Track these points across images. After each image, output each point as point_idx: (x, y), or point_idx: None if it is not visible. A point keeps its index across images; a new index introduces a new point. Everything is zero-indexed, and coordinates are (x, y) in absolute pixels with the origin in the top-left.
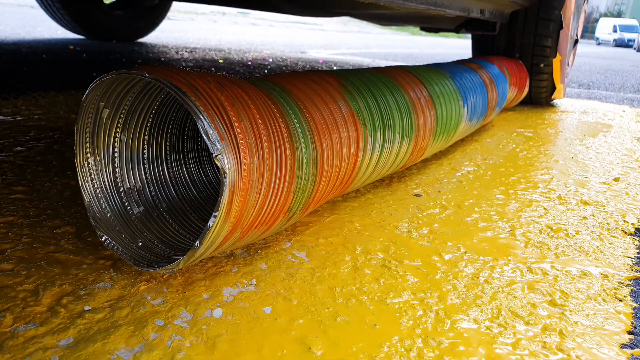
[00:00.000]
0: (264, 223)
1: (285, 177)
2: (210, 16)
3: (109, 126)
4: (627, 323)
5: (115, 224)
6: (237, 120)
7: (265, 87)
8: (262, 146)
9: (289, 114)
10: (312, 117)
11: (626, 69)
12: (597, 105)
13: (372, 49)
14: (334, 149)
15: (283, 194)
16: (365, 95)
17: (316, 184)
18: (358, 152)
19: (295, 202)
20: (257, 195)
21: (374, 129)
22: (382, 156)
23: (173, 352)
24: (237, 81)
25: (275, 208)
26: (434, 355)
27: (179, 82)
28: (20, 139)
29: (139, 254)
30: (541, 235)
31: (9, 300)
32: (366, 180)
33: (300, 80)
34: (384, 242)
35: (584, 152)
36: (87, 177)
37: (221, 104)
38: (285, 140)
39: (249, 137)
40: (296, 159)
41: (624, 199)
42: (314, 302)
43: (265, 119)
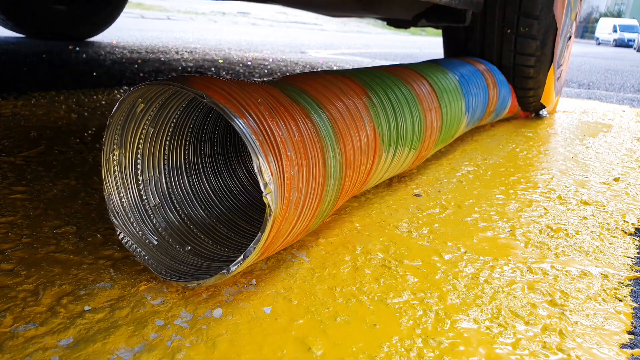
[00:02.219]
0: (287, 244)
1: (314, 204)
2: (210, 16)
3: (139, 119)
4: (627, 323)
5: (132, 219)
6: (286, 153)
7: (302, 102)
8: (302, 178)
9: (327, 145)
10: (346, 154)
11: (626, 69)
12: (597, 105)
13: (372, 48)
14: (352, 181)
15: (309, 218)
16: (384, 106)
17: (333, 209)
18: (373, 165)
19: (316, 222)
20: (289, 225)
21: (389, 143)
22: (389, 168)
23: (173, 352)
24: (278, 97)
25: (300, 230)
26: (434, 355)
27: (234, 109)
28: (20, 139)
29: (156, 256)
30: (541, 235)
31: (9, 300)
32: (366, 187)
33: (330, 90)
34: (384, 242)
35: (584, 152)
36: (111, 170)
37: (274, 138)
38: (320, 171)
39: (292, 171)
40: (325, 188)
41: (624, 199)
42: (314, 302)
43: (307, 147)
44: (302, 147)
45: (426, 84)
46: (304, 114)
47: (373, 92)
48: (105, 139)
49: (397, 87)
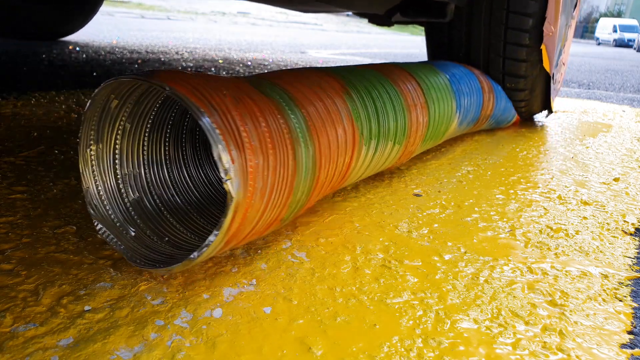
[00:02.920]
0: (258, 233)
1: (284, 194)
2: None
3: (115, 115)
4: (627, 323)
5: (111, 212)
6: (249, 142)
7: (275, 96)
8: (268, 167)
9: (298, 138)
10: (320, 146)
11: (626, 69)
12: (597, 105)
13: (372, 48)
14: (329, 174)
15: (279, 207)
16: (364, 101)
17: (309, 200)
18: (352, 159)
19: (288, 213)
20: (256, 213)
21: (370, 137)
22: (371, 163)
23: (173, 352)
24: (247, 90)
25: (270, 220)
26: (434, 355)
27: (195, 99)
28: (20, 139)
29: (133, 246)
30: (541, 235)
31: (9, 300)
32: (351, 181)
33: (306, 86)
34: (384, 242)
35: (584, 152)
36: (89, 164)
37: (236, 126)
38: (290, 162)
39: (257, 159)
40: (296, 179)
41: (624, 199)
42: (314, 302)
43: (274, 138)
44: (268, 137)
45: (412, 81)
46: (274, 107)
47: (352, 87)
48: (81, 134)
49: (379, 83)
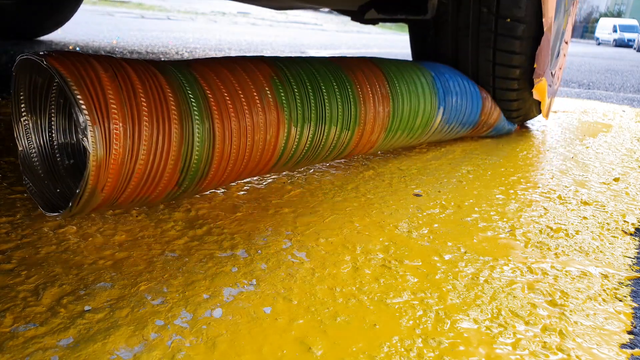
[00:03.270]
0: (149, 191)
1: (168, 160)
2: (210, 16)
3: (44, 90)
4: (627, 323)
5: (42, 172)
6: (117, 109)
7: (174, 75)
8: (140, 133)
9: (189, 112)
10: (217, 100)
11: (626, 69)
12: (597, 105)
13: (372, 48)
14: (242, 150)
15: (167, 172)
16: (298, 85)
17: (216, 172)
18: (278, 139)
19: (184, 178)
20: (129, 171)
21: (302, 119)
22: (312, 145)
23: (173, 352)
24: (140, 69)
25: (160, 182)
26: (434, 355)
27: (68, 73)
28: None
29: (52, 200)
30: (541, 235)
31: (9, 300)
32: (299, 164)
33: (224, 69)
34: (384, 242)
35: (584, 152)
36: (22, 131)
37: (103, 94)
38: (173, 132)
39: (125, 125)
40: (183, 148)
41: (624, 199)
42: (314, 302)
43: (154, 110)
44: (145, 109)
45: (376, 72)
46: (166, 84)
47: (282, 73)
48: (12, 108)
49: (325, 71)
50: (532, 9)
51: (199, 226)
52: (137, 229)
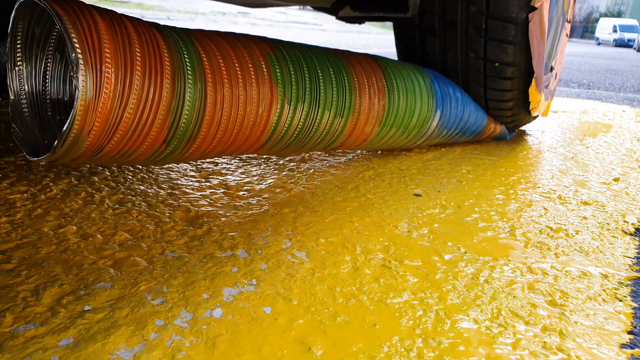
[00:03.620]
0: (136, 144)
1: (157, 113)
2: (210, 16)
3: (42, 41)
4: (627, 323)
5: (31, 122)
6: (111, 54)
7: (171, 35)
8: (132, 82)
9: (182, 69)
10: (212, 66)
11: (626, 69)
12: (597, 105)
13: (372, 49)
14: (233, 118)
15: (156, 126)
16: (294, 65)
17: (203, 126)
18: (270, 114)
19: (173, 136)
20: (117, 117)
21: (296, 99)
22: (304, 128)
23: (173, 352)
24: (140, 25)
25: (146, 132)
26: (434, 355)
27: (65, 14)
28: None
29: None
30: (541, 235)
31: (9, 300)
32: (290, 147)
33: (222, 40)
34: (384, 242)
35: (584, 152)
36: (16, 79)
37: (98, 38)
38: (165, 86)
39: (118, 70)
40: (174, 103)
41: (624, 199)
42: (314, 302)
43: (147, 62)
44: (139, 58)
45: (374, 67)
46: (162, 41)
47: (280, 52)
48: (8, 54)
49: (323, 58)
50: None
51: (199, 226)
52: (137, 229)
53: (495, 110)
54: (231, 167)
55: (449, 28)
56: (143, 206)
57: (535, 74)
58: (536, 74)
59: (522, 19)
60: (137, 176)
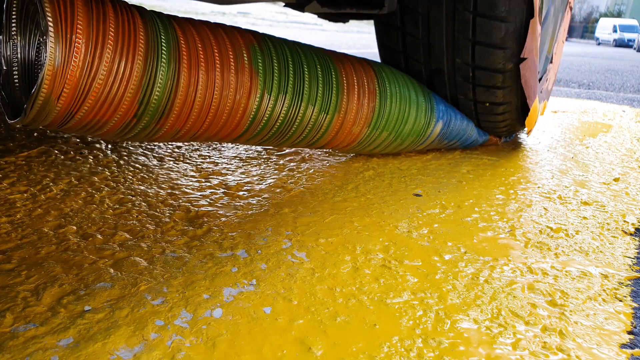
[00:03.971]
0: (107, 115)
1: (127, 89)
2: (210, 16)
3: (35, 17)
4: (627, 323)
5: (20, 91)
6: (83, 27)
7: (151, 18)
8: (102, 55)
9: (157, 50)
10: (188, 49)
11: (626, 69)
12: (597, 105)
13: (372, 48)
14: (208, 101)
15: (126, 100)
16: (278, 58)
17: (175, 105)
18: (249, 102)
19: (144, 111)
20: (85, 85)
21: (277, 89)
22: (285, 120)
23: (173, 352)
24: (121, 7)
25: (115, 106)
26: (434, 355)
27: None
28: (21, 139)
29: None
30: (541, 235)
31: (9, 300)
32: (273, 139)
33: (205, 27)
34: (384, 242)
35: (584, 152)
36: (10, 51)
37: (72, 13)
38: (136, 63)
39: (89, 43)
40: (144, 80)
41: (623, 199)
42: (314, 302)
43: (120, 39)
44: (112, 34)
45: (367, 68)
46: (140, 21)
47: (265, 44)
48: (4, 29)
49: (311, 55)
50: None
51: (199, 226)
52: (137, 229)
53: (488, 129)
54: (231, 167)
55: (436, 75)
56: (143, 206)
57: (530, 105)
58: (531, 101)
59: (511, 68)
60: (137, 176)
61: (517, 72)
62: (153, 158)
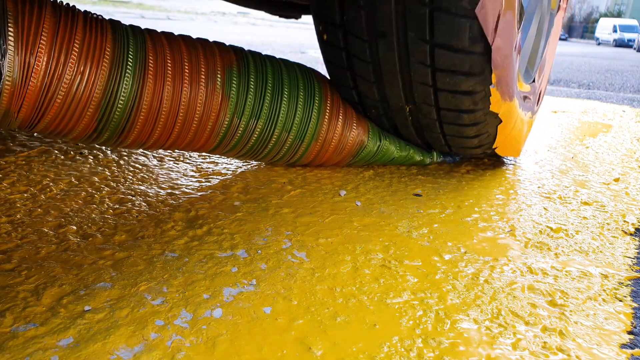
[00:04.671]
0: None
1: (88, 99)
2: (210, 16)
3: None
4: (627, 323)
5: None
6: (48, 37)
7: (122, 33)
8: (63, 72)
9: (123, 62)
10: (156, 79)
11: (626, 69)
12: (597, 105)
13: None
14: (173, 111)
15: (89, 108)
16: (257, 81)
17: (136, 124)
18: (216, 125)
19: (110, 129)
20: (45, 105)
21: (249, 115)
22: (258, 141)
23: (173, 352)
24: (90, 24)
25: (83, 114)
26: (434, 355)
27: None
28: (22, 139)
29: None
30: (541, 235)
31: (9, 300)
32: (245, 155)
33: (182, 43)
34: (384, 242)
35: (584, 152)
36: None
37: (35, 33)
38: (98, 75)
39: (49, 62)
40: (105, 95)
41: (623, 199)
42: (314, 302)
43: (85, 51)
44: (75, 53)
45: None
46: (109, 37)
47: (245, 65)
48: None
49: (296, 79)
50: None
51: (199, 226)
52: (137, 229)
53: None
54: (231, 167)
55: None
56: (143, 206)
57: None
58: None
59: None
60: (137, 176)
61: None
62: (153, 158)
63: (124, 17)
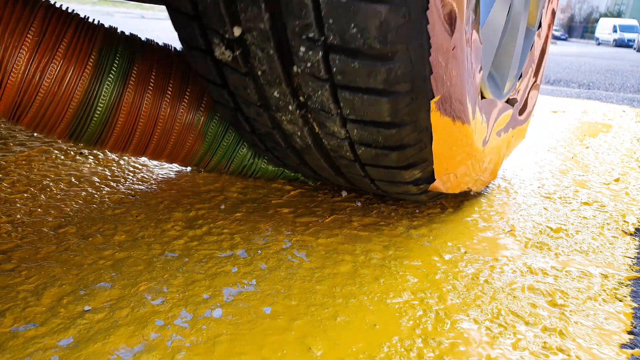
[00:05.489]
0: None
1: (64, 103)
2: None
3: None
4: (627, 323)
5: None
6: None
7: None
8: (42, 78)
9: (105, 73)
10: (136, 91)
11: (626, 69)
12: (597, 105)
13: None
14: (150, 126)
15: (64, 115)
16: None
17: (115, 125)
18: (189, 156)
19: (82, 130)
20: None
21: (221, 155)
22: (235, 169)
23: (173, 352)
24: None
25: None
26: (434, 355)
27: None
28: (22, 139)
29: None
30: (541, 235)
31: (9, 300)
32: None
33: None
34: (383, 242)
35: (584, 152)
36: None
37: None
38: (86, 73)
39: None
40: (86, 93)
41: (623, 199)
42: (314, 302)
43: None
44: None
45: None
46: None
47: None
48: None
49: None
50: None
51: (199, 226)
52: (137, 229)
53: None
54: None
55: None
56: (143, 206)
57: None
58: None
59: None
60: (137, 176)
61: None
62: None
63: (125, 17)
